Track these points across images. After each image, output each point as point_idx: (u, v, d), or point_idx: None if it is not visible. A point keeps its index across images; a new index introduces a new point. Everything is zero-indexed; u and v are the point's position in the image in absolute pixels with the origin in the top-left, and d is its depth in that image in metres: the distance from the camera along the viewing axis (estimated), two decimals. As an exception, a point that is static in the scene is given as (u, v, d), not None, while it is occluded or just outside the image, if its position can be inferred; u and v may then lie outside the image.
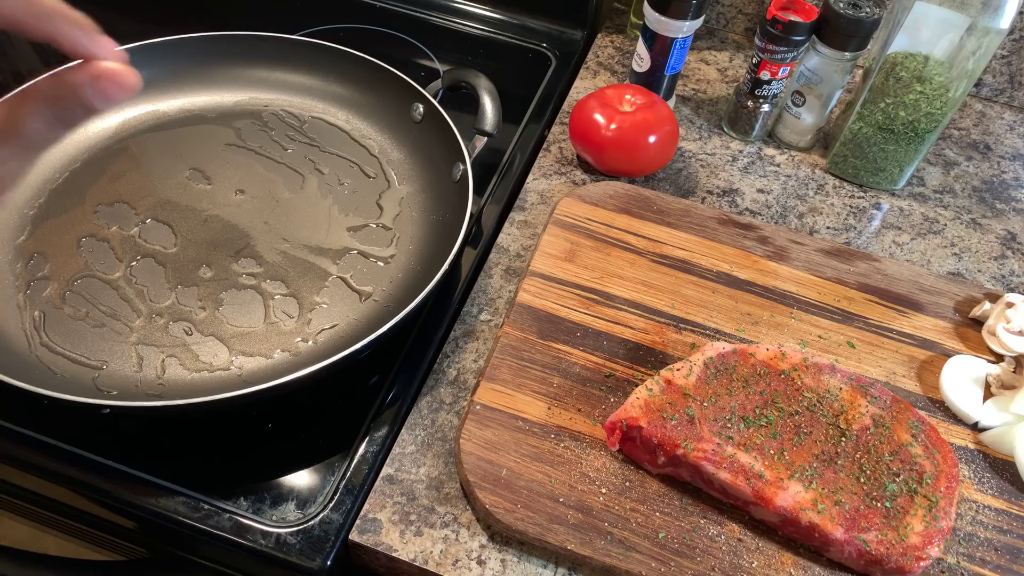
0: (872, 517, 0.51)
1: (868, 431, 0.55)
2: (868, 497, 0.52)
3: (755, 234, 0.71)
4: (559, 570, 0.53)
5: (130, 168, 0.71)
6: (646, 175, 0.78)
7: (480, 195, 0.74)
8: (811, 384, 0.57)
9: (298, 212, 0.69)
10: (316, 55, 0.77)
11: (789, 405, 0.56)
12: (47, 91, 0.33)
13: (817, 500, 0.51)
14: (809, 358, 0.58)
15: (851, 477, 0.53)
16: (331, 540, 0.52)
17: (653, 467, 0.54)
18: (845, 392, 0.57)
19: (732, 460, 0.52)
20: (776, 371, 0.57)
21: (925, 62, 0.70)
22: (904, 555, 0.50)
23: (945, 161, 0.84)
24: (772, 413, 0.55)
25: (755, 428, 0.54)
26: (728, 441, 0.53)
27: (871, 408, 0.56)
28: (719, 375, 0.57)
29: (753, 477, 0.52)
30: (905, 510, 0.52)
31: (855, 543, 0.50)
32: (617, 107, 0.74)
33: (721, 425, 0.54)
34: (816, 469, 0.53)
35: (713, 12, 0.94)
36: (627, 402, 0.55)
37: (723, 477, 0.52)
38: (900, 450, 0.54)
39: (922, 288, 0.69)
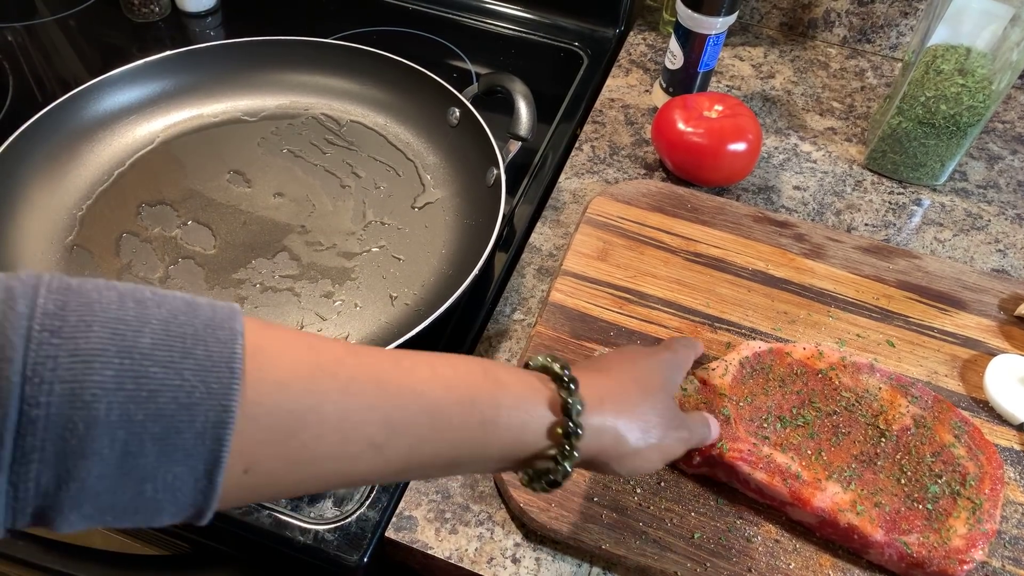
0: (913, 519, 0.50)
1: (909, 431, 0.54)
2: (909, 499, 0.51)
3: (791, 231, 0.70)
4: (593, 569, 0.53)
5: (173, 170, 0.73)
6: (727, 185, 0.76)
7: (512, 195, 0.75)
8: (849, 384, 0.56)
9: (334, 215, 0.70)
10: (355, 59, 0.78)
11: (827, 405, 0.55)
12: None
13: (856, 501, 0.51)
14: (847, 357, 0.58)
15: (891, 478, 0.52)
16: (368, 537, 0.53)
17: (688, 467, 0.54)
18: (884, 392, 0.56)
19: (768, 460, 0.52)
20: (813, 370, 0.57)
21: (967, 54, 0.68)
22: (947, 558, 0.49)
23: (989, 155, 0.82)
24: (809, 413, 0.55)
25: (792, 428, 0.54)
26: (764, 441, 0.53)
27: (912, 408, 0.55)
28: (755, 374, 0.56)
29: (790, 477, 0.51)
30: (948, 512, 0.51)
31: (895, 545, 0.49)
32: (702, 113, 0.73)
33: (757, 425, 0.54)
34: (855, 470, 0.52)
35: (747, 8, 0.93)
36: None
37: (759, 477, 0.51)
38: (942, 451, 0.53)
39: (965, 285, 0.67)
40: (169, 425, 0.27)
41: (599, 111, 0.84)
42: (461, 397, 0.36)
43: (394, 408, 0.34)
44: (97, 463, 0.27)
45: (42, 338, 0.26)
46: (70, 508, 0.27)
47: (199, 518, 0.30)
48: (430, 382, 0.35)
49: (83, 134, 0.73)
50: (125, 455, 0.27)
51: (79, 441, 0.26)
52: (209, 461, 0.28)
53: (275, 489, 0.33)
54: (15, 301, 0.26)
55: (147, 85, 0.76)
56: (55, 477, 0.26)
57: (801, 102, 0.86)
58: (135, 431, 0.27)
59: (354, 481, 0.35)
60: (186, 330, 0.29)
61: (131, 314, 0.28)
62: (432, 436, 0.35)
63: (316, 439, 0.31)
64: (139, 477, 0.28)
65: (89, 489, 0.27)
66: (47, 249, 0.66)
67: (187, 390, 0.28)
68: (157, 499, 0.29)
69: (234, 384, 0.29)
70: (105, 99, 0.74)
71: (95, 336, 0.27)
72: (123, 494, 0.28)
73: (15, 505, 0.27)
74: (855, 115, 0.85)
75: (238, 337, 0.29)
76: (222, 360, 0.29)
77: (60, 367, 0.26)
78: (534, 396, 0.38)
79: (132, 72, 0.74)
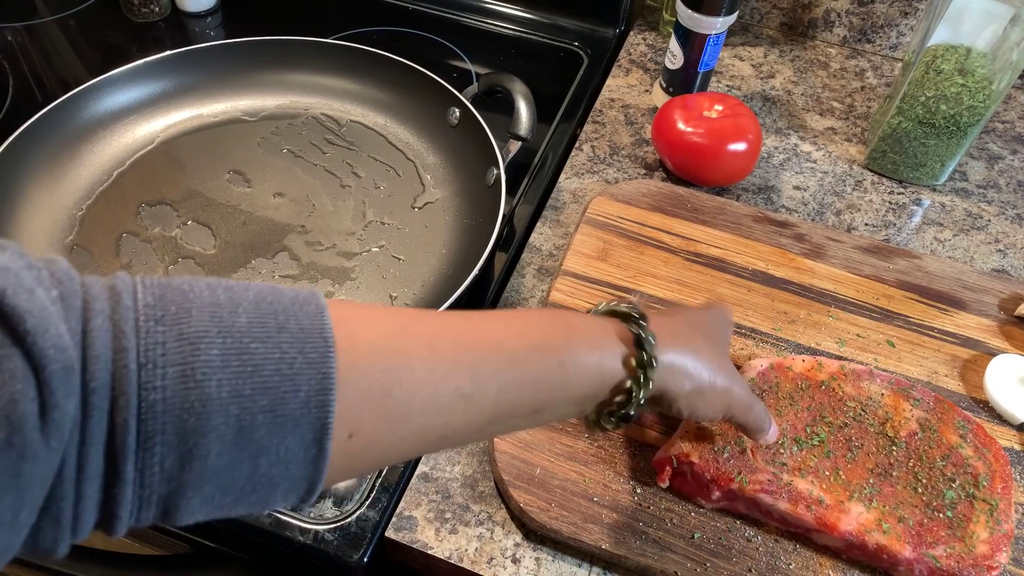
0: (937, 530, 0.50)
1: (916, 436, 0.54)
2: (929, 508, 0.51)
3: (791, 231, 0.70)
4: (593, 569, 0.53)
5: (173, 170, 0.73)
6: (727, 185, 0.76)
7: (512, 195, 0.75)
8: (852, 393, 0.56)
9: (334, 215, 0.70)
10: (355, 59, 0.78)
11: (836, 418, 0.54)
12: None
13: (881, 519, 0.50)
14: (845, 365, 0.57)
15: (909, 488, 0.52)
16: (368, 537, 0.53)
17: (707, 502, 0.53)
18: (887, 398, 0.55)
19: (790, 488, 0.51)
20: (816, 383, 0.56)
21: (967, 54, 0.68)
22: (976, 566, 0.49)
23: (989, 155, 0.82)
24: (822, 429, 0.53)
25: (808, 449, 0.53)
26: (783, 468, 0.52)
27: (915, 411, 0.55)
28: (764, 396, 0.55)
29: (813, 503, 0.50)
30: (967, 517, 0.50)
31: (925, 560, 0.49)
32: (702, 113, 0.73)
33: (774, 452, 0.52)
34: (874, 485, 0.51)
35: (747, 8, 0.93)
36: (675, 435, 0.53)
37: (783, 508, 0.50)
38: (951, 453, 0.53)
39: (965, 285, 0.67)
40: (276, 396, 0.29)
41: (599, 111, 0.84)
42: (537, 342, 0.37)
43: (477, 358, 0.35)
44: (215, 440, 0.28)
45: (148, 327, 0.27)
46: (194, 490, 0.28)
47: (310, 493, 0.31)
48: (505, 331, 0.37)
49: (83, 134, 0.73)
50: (239, 430, 0.28)
51: (196, 419, 0.27)
52: (317, 428, 0.30)
53: (378, 453, 0.34)
54: (120, 296, 0.28)
55: (147, 85, 0.76)
56: (178, 458, 0.28)
57: (801, 102, 0.86)
58: (246, 405, 0.28)
59: (451, 438, 0.36)
60: (276, 307, 0.30)
61: (223, 298, 0.30)
62: (515, 381, 0.36)
63: (409, 395, 0.33)
64: (254, 451, 0.29)
65: (211, 467, 0.28)
66: (47, 249, 0.66)
67: (287, 361, 0.29)
68: (272, 474, 0.30)
69: (329, 352, 0.30)
70: (105, 99, 0.74)
71: (196, 320, 0.28)
72: (241, 471, 0.29)
73: (141, 494, 0.28)
74: (855, 115, 0.85)
75: (324, 310, 0.31)
76: (314, 331, 0.30)
77: (169, 351, 0.27)
78: (606, 333, 0.40)
79: (132, 72, 0.74)
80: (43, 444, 0.25)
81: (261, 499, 0.31)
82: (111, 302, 0.28)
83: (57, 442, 0.25)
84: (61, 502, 0.26)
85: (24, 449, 0.24)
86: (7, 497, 0.25)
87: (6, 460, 0.24)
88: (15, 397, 0.24)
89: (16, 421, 0.24)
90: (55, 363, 0.25)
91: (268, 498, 0.31)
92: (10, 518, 0.25)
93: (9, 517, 0.25)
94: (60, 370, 0.25)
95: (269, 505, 0.31)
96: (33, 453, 0.25)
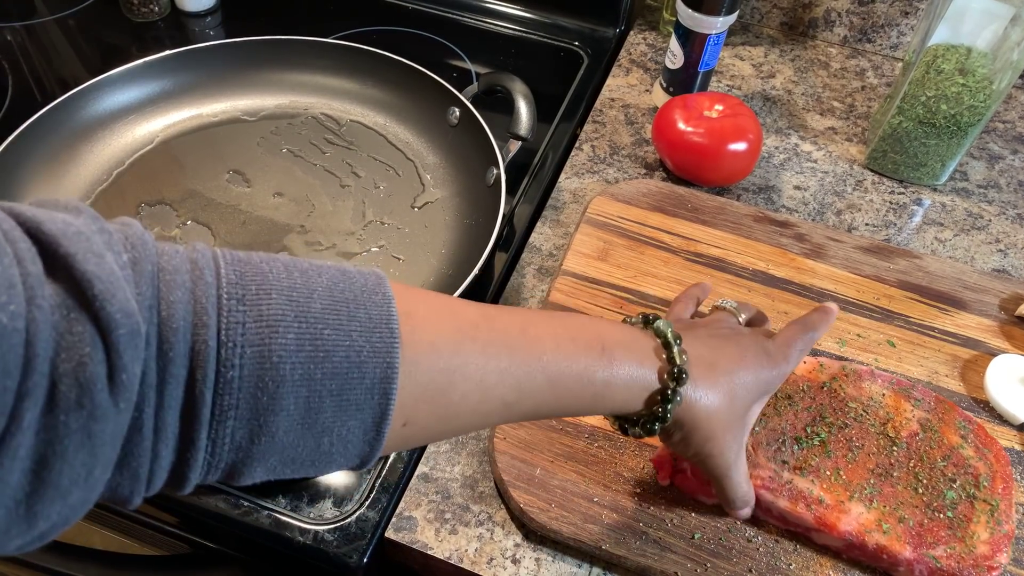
0: (937, 530, 0.50)
1: (917, 437, 0.54)
2: (929, 508, 0.51)
3: (792, 231, 0.70)
4: (593, 569, 0.53)
5: (173, 170, 0.73)
6: (727, 185, 0.76)
7: (512, 195, 0.75)
8: (854, 393, 0.56)
9: (334, 215, 0.70)
10: (354, 59, 0.78)
11: (837, 418, 0.54)
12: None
13: (881, 519, 0.50)
14: (847, 366, 0.57)
15: (909, 489, 0.51)
16: (367, 537, 0.53)
17: (708, 498, 0.53)
18: (888, 398, 0.56)
19: (791, 487, 0.51)
20: (817, 384, 0.56)
21: (968, 54, 0.68)
22: (976, 567, 0.49)
23: (990, 155, 0.82)
24: (823, 430, 0.54)
25: (808, 448, 0.53)
26: (784, 466, 0.52)
27: (916, 412, 0.55)
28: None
29: (813, 503, 0.50)
30: (968, 518, 0.50)
31: (925, 561, 0.49)
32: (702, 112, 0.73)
33: (775, 449, 0.53)
34: (874, 485, 0.51)
35: (747, 7, 0.93)
36: None
37: (782, 505, 0.50)
38: (952, 453, 0.53)
39: (965, 285, 0.67)
40: (343, 382, 0.30)
41: (599, 111, 0.84)
42: (580, 373, 0.39)
43: (523, 375, 0.37)
44: (284, 418, 0.30)
45: (230, 305, 0.29)
46: (259, 461, 0.30)
47: (362, 465, 0.34)
48: (554, 354, 0.39)
49: (82, 134, 0.73)
50: (308, 411, 0.30)
51: (269, 399, 0.29)
52: (378, 415, 0.32)
53: (423, 439, 0.37)
54: (202, 272, 0.29)
55: (146, 85, 0.76)
56: (248, 433, 0.29)
57: (802, 102, 0.86)
58: (315, 388, 0.30)
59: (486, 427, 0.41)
60: (347, 295, 0.32)
61: (299, 282, 0.31)
62: (552, 401, 0.39)
63: (462, 397, 0.35)
64: (319, 431, 0.31)
65: (278, 443, 0.30)
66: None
67: (356, 350, 0.31)
68: (331, 451, 0.32)
69: (395, 344, 0.32)
70: (104, 99, 0.74)
71: (275, 303, 0.30)
72: (304, 447, 0.31)
73: (210, 460, 0.29)
74: (856, 115, 0.85)
75: (391, 301, 0.33)
76: (382, 322, 0.32)
77: (248, 332, 0.29)
78: (644, 368, 0.42)
79: (131, 72, 0.74)
80: (111, 405, 0.26)
81: (317, 470, 0.33)
82: (192, 275, 0.29)
83: (125, 403, 0.26)
84: (140, 458, 0.28)
85: (94, 410, 0.25)
86: (80, 454, 0.26)
87: (77, 420, 0.25)
88: (84, 360, 0.25)
89: (85, 383, 0.25)
90: (122, 328, 0.26)
91: (323, 469, 0.33)
92: (84, 475, 0.26)
93: (84, 474, 0.26)
94: (127, 335, 0.26)
95: (321, 473, 0.34)
96: (103, 414, 0.26)
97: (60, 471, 0.26)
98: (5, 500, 0.25)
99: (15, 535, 0.27)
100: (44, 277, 0.26)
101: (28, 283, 0.25)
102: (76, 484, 0.26)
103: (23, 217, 0.27)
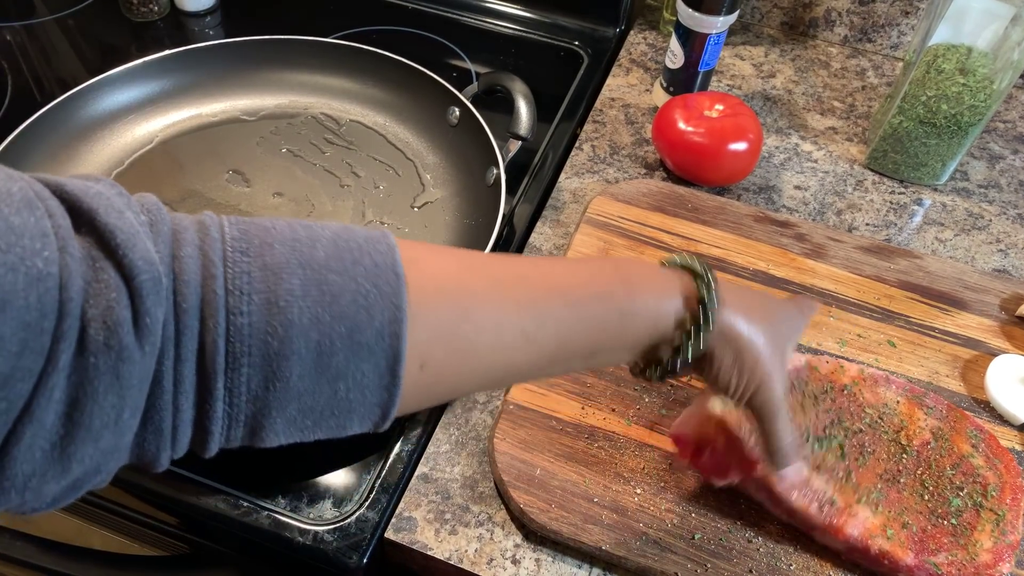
0: (940, 537, 0.50)
1: (929, 446, 0.53)
2: (934, 515, 0.51)
3: (792, 231, 0.70)
4: (593, 570, 0.53)
5: (172, 170, 0.73)
6: (728, 185, 0.76)
7: (512, 195, 0.74)
8: (871, 399, 0.55)
9: (334, 215, 0.70)
10: (354, 58, 0.78)
11: (853, 422, 0.54)
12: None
13: (886, 525, 0.50)
14: (864, 370, 0.56)
15: (915, 495, 0.51)
16: (367, 538, 0.53)
17: (719, 480, 0.52)
18: (903, 406, 0.55)
19: (807, 485, 0.50)
20: (839, 386, 0.55)
21: (968, 53, 0.68)
22: (976, 575, 0.49)
23: (990, 155, 0.82)
24: (839, 432, 0.53)
25: (826, 450, 0.52)
26: (804, 461, 0.51)
27: (929, 420, 0.54)
28: (792, 391, 0.54)
29: (825, 504, 0.50)
30: (972, 526, 0.50)
31: (926, 567, 0.49)
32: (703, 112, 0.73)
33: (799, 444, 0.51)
34: (881, 490, 0.51)
35: (747, 7, 0.93)
36: (700, 414, 0.51)
37: (795, 503, 0.50)
38: (961, 462, 0.53)
39: (966, 285, 0.67)
40: (352, 324, 0.31)
41: (599, 110, 0.84)
42: (600, 292, 0.39)
43: (541, 301, 0.37)
44: (297, 363, 0.30)
45: (235, 257, 0.30)
46: (278, 411, 0.31)
47: (384, 419, 0.34)
48: (569, 278, 0.39)
49: (82, 134, 0.73)
50: (320, 354, 0.31)
51: (280, 343, 0.30)
52: (391, 356, 0.32)
53: (447, 385, 0.36)
54: (208, 229, 0.30)
55: (146, 85, 0.76)
56: (263, 379, 0.30)
57: (802, 101, 0.86)
58: (325, 331, 0.30)
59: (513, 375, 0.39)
60: (351, 244, 0.32)
61: (302, 234, 0.32)
62: (576, 326, 0.38)
63: (477, 331, 0.35)
64: (333, 375, 0.31)
65: (293, 388, 0.31)
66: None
67: (363, 293, 0.31)
68: (349, 399, 0.32)
69: (401, 286, 0.32)
70: (104, 99, 0.74)
71: (278, 252, 0.31)
72: (321, 394, 0.31)
73: (231, 412, 0.30)
74: (856, 115, 0.85)
75: (395, 248, 0.33)
76: (387, 266, 0.32)
77: (254, 280, 0.30)
78: (670, 288, 0.41)
79: (131, 72, 0.74)
80: (137, 347, 0.27)
81: (340, 423, 0.33)
82: (199, 234, 0.30)
83: (150, 347, 0.28)
84: (162, 411, 0.29)
85: (121, 351, 0.27)
86: (110, 396, 0.27)
87: (107, 361, 0.27)
88: (111, 304, 0.27)
89: (112, 325, 0.27)
90: (144, 274, 0.27)
91: (346, 422, 0.33)
92: (114, 417, 0.28)
93: (113, 416, 0.28)
94: (149, 280, 0.28)
95: (346, 430, 0.34)
96: (129, 355, 0.27)
97: (91, 412, 0.27)
98: (41, 442, 0.27)
99: (50, 478, 0.28)
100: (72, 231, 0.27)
101: (60, 234, 0.27)
102: (107, 427, 0.28)
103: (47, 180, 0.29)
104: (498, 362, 0.36)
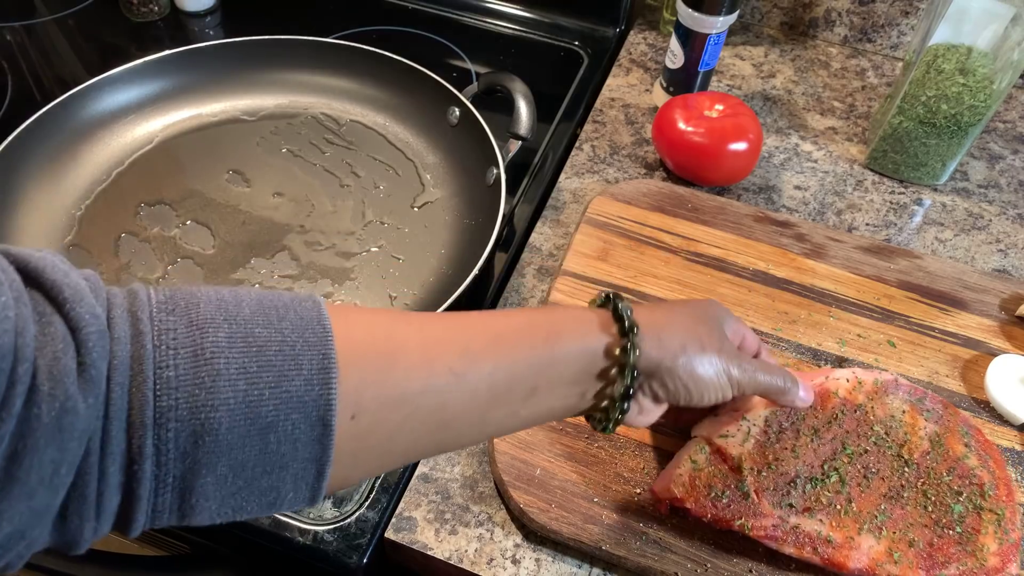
0: (947, 548, 0.49)
1: (928, 455, 0.52)
2: (938, 526, 0.50)
3: (792, 231, 0.70)
4: (593, 570, 0.53)
5: (172, 170, 0.73)
6: (728, 185, 0.76)
7: (512, 195, 0.74)
8: (880, 415, 0.53)
9: (333, 215, 0.70)
10: (354, 58, 0.78)
11: (858, 445, 0.52)
12: None
13: (892, 548, 0.48)
14: (879, 379, 0.54)
15: (918, 508, 0.50)
16: (367, 538, 0.53)
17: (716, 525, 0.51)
18: (907, 415, 0.53)
19: (796, 532, 0.49)
20: (853, 406, 0.53)
21: (968, 53, 0.68)
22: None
23: (990, 155, 0.82)
24: (841, 461, 0.51)
25: (821, 487, 0.50)
26: (790, 510, 0.49)
27: (928, 426, 0.53)
28: (783, 433, 0.51)
29: (821, 544, 0.48)
30: (976, 530, 0.50)
31: None
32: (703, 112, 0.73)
33: (783, 493, 0.49)
34: (885, 511, 0.50)
35: (747, 7, 0.93)
36: (671, 474, 0.51)
37: (788, 551, 0.49)
38: (957, 465, 0.52)
39: (966, 285, 0.67)
40: (280, 373, 0.31)
41: (599, 110, 0.84)
42: (521, 323, 0.40)
43: (468, 339, 0.37)
44: (226, 414, 0.30)
45: (162, 316, 0.31)
46: (208, 468, 0.30)
47: (319, 477, 0.33)
48: (492, 318, 0.40)
49: (82, 134, 0.73)
50: (248, 404, 0.30)
51: (207, 393, 0.30)
52: (321, 406, 0.32)
53: (381, 438, 0.35)
54: (136, 294, 0.31)
55: (146, 85, 0.76)
56: (191, 433, 0.30)
57: (802, 101, 0.86)
58: (252, 380, 0.31)
59: (451, 425, 0.37)
60: (276, 303, 0.33)
61: (227, 295, 0.33)
62: (505, 359, 0.38)
63: (406, 374, 0.35)
64: (263, 426, 0.31)
65: (223, 441, 0.30)
66: (46, 249, 0.66)
67: (289, 344, 0.32)
68: (281, 452, 0.32)
69: (328, 336, 0.33)
70: (104, 99, 0.74)
71: (204, 310, 0.31)
72: (251, 447, 0.31)
73: (158, 473, 0.30)
74: (856, 115, 0.85)
75: (321, 304, 0.34)
76: (313, 319, 0.33)
77: (180, 335, 0.30)
78: (589, 314, 0.42)
79: (131, 72, 0.74)
80: (81, 398, 0.27)
81: (273, 484, 0.32)
82: (128, 299, 0.31)
83: (94, 399, 0.28)
84: (87, 476, 0.28)
85: (66, 401, 0.27)
86: (50, 449, 0.27)
87: (50, 411, 0.27)
88: (57, 355, 0.27)
89: (57, 375, 0.27)
90: (91, 326, 0.28)
91: (279, 483, 0.32)
92: (50, 472, 0.27)
93: (50, 471, 0.27)
94: (95, 332, 0.28)
95: (280, 496, 0.33)
96: (73, 406, 0.27)
97: (29, 467, 0.27)
98: None
99: None
100: (23, 284, 0.28)
101: (14, 285, 0.28)
102: (43, 483, 0.27)
103: None
104: (431, 407, 0.35)
